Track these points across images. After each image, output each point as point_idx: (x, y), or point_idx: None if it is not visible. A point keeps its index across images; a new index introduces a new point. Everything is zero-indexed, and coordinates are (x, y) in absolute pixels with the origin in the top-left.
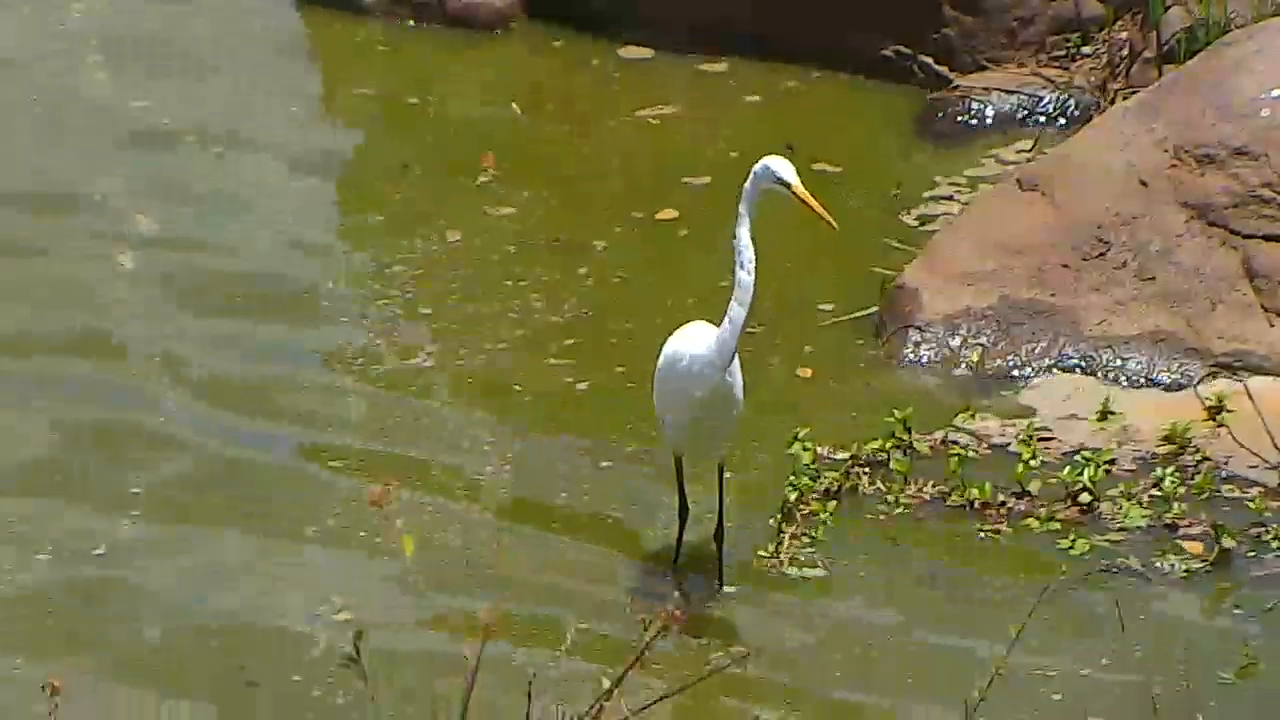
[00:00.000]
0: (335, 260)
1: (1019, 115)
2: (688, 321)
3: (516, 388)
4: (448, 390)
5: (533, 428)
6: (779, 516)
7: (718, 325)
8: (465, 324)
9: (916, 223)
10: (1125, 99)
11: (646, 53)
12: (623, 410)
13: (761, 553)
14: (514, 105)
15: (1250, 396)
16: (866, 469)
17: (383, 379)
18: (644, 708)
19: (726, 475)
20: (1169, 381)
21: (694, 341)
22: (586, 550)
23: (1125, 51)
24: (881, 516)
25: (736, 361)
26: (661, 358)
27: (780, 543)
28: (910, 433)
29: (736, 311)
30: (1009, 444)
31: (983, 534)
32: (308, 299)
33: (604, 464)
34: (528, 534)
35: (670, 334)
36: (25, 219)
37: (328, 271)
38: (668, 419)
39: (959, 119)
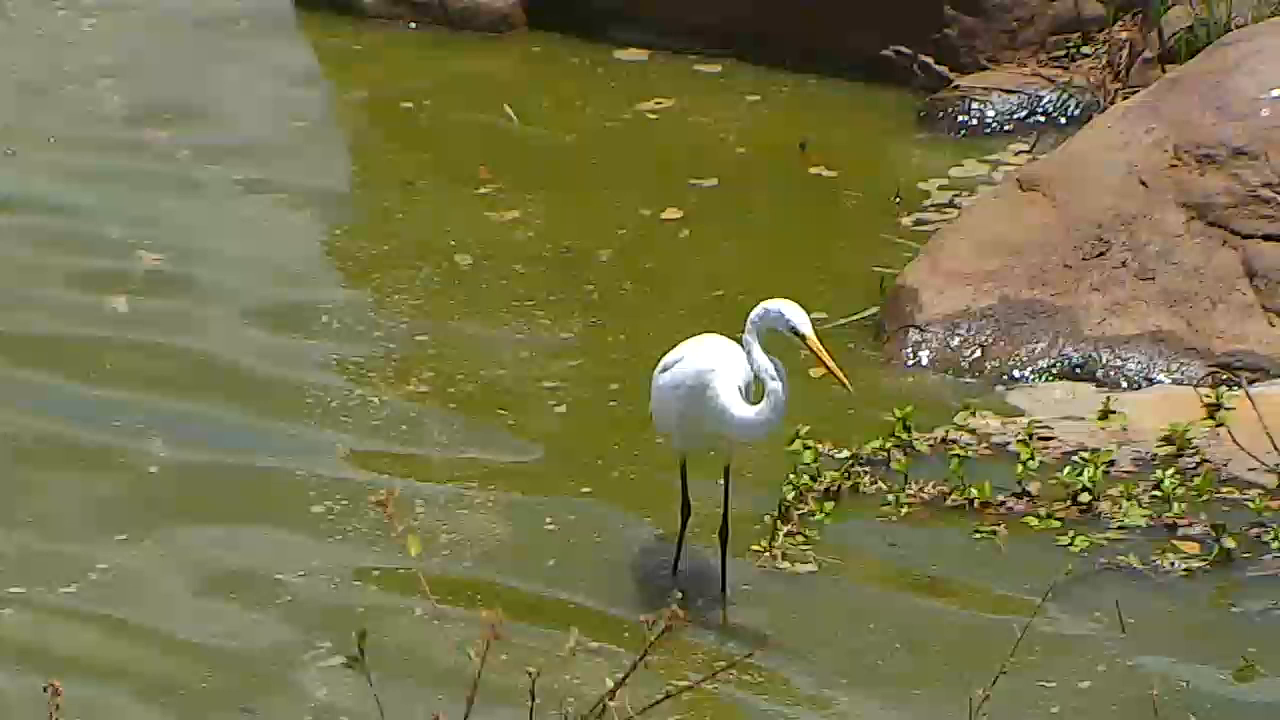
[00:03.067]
0: (336, 279)
1: (1019, 115)
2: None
3: (509, 409)
4: (450, 399)
5: (533, 434)
6: (778, 514)
7: (727, 336)
8: (467, 338)
9: (916, 223)
10: (1125, 99)
11: (646, 54)
12: (623, 416)
13: (757, 548)
14: (507, 108)
15: (1249, 397)
16: (867, 468)
17: (386, 389)
18: (646, 708)
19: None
20: (1169, 381)
21: (723, 373)
22: (588, 553)
23: (1125, 51)
24: (881, 516)
25: (749, 369)
26: (679, 373)
27: (779, 540)
28: (910, 432)
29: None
30: (1009, 443)
31: (980, 533)
32: (308, 316)
33: (606, 473)
34: (530, 537)
35: (674, 345)
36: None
37: (328, 290)
38: (674, 423)
39: (959, 119)
